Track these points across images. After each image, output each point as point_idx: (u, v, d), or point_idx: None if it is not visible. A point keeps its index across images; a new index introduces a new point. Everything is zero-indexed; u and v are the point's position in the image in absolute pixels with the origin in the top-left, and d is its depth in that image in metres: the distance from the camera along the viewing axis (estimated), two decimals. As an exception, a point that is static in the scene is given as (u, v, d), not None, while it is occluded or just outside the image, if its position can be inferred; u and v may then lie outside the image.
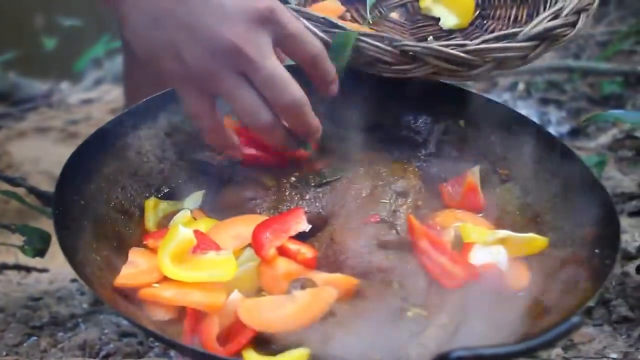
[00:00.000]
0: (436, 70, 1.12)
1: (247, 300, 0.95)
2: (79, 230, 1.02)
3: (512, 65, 1.14)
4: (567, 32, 1.14)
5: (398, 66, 1.13)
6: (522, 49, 1.11)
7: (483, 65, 1.11)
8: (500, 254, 1.04)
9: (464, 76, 1.14)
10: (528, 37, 1.11)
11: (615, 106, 2.44)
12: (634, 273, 1.39)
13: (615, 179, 1.88)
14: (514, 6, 1.32)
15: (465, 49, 1.10)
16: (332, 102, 1.23)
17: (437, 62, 1.11)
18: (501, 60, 1.12)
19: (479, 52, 1.10)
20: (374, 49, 1.12)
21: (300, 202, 1.09)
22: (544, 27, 1.12)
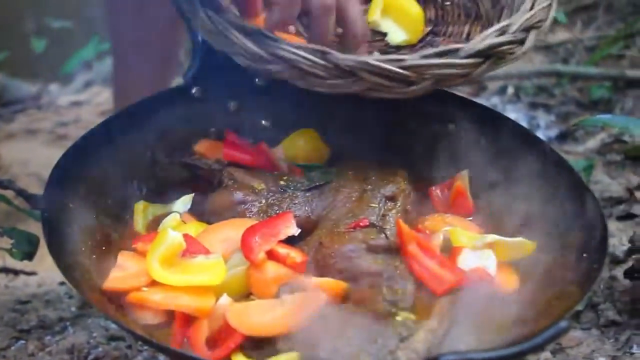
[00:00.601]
0: (371, 87, 1.05)
1: (236, 304, 0.95)
2: (67, 234, 1.02)
3: (453, 83, 1.08)
4: (514, 49, 1.07)
5: (332, 80, 1.05)
6: (464, 66, 1.04)
7: (421, 82, 1.04)
8: (489, 258, 1.05)
9: (401, 93, 1.06)
10: (470, 54, 1.04)
11: (603, 110, 2.45)
12: (621, 277, 1.40)
13: (603, 183, 1.88)
14: (468, 22, 1.28)
15: (402, 65, 1.03)
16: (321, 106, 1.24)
17: (372, 77, 1.03)
18: (441, 78, 1.05)
19: (417, 68, 1.03)
20: (307, 62, 1.04)
21: (289, 206, 1.09)
22: (488, 43, 1.04)
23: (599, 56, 2.63)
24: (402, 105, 1.24)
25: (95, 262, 1.03)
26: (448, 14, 1.31)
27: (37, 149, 2.40)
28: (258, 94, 1.26)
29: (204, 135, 1.24)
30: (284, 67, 1.05)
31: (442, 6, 1.31)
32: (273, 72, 1.06)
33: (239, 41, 1.07)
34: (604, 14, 3.03)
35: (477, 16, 1.26)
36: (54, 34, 3.23)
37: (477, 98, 2.64)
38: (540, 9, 1.09)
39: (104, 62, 3.03)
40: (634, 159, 2.05)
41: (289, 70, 1.05)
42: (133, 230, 1.12)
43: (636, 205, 1.78)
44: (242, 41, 1.06)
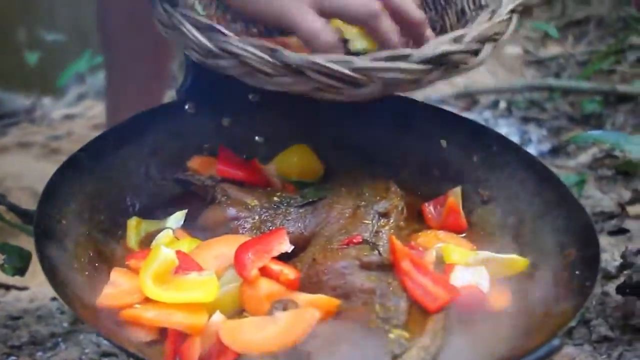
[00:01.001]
0: (319, 87, 1.03)
1: (228, 321, 0.95)
2: (60, 250, 1.01)
3: (403, 88, 1.06)
4: (468, 59, 1.05)
5: (280, 78, 1.03)
6: (414, 72, 1.03)
7: (369, 85, 1.02)
8: (482, 275, 1.05)
9: (349, 95, 1.04)
10: (421, 60, 1.02)
11: (595, 125, 2.46)
12: (614, 293, 1.40)
13: (595, 198, 1.89)
14: (435, 33, 1.24)
15: (350, 66, 1.01)
16: (315, 122, 1.24)
17: (320, 77, 1.01)
18: (390, 82, 1.03)
19: (365, 70, 1.01)
20: (255, 58, 1.02)
21: (282, 223, 1.09)
22: (440, 50, 1.03)
23: (590, 71, 2.65)
24: (396, 122, 1.25)
25: (88, 279, 1.03)
26: None
27: (30, 162, 2.40)
28: (251, 110, 1.27)
29: (197, 151, 1.24)
30: (233, 63, 1.04)
31: None
32: (223, 67, 1.06)
33: (191, 35, 1.06)
34: (595, 29, 3.05)
35: (442, 29, 1.26)
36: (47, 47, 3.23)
37: (469, 112, 2.65)
38: (499, 21, 1.08)
39: (97, 76, 3.03)
40: (625, 173, 2.06)
41: (238, 66, 1.04)
42: (126, 246, 1.12)
43: (628, 220, 1.79)
44: (194, 35, 1.06)
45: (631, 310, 1.35)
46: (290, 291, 1.00)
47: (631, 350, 1.31)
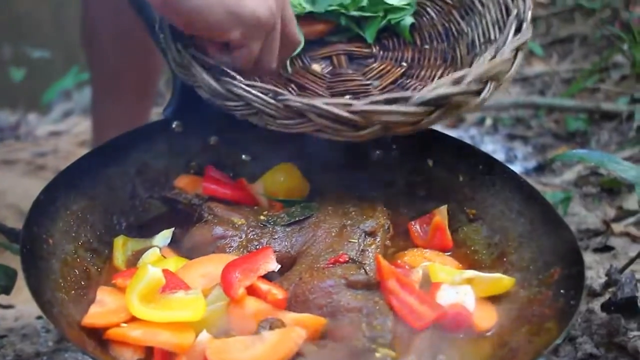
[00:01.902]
0: (320, 128, 1.07)
1: (215, 340, 0.95)
2: (46, 270, 1.01)
3: (402, 130, 1.07)
4: (469, 100, 1.06)
5: (282, 120, 1.07)
6: (413, 115, 1.05)
7: (369, 127, 1.05)
8: (468, 294, 1.05)
9: (348, 136, 1.07)
10: (420, 102, 1.04)
11: (580, 142, 2.48)
12: (599, 310, 1.41)
13: (580, 215, 1.90)
14: (442, 67, 1.28)
15: (350, 109, 1.04)
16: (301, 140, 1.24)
17: (320, 119, 1.05)
18: (389, 125, 1.05)
19: (364, 113, 1.04)
20: (259, 101, 1.07)
21: (269, 241, 1.10)
22: (438, 93, 1.04)
23: (575, 89, 2.67)
24: (382, 142, 1.26)
25: (74, 298, 1.03)
26: (425, 57, 1.31)
27: (15, 179, 2.39)
28: (238, 129, 1.27)
29: (184, 170, 1.24)
30: (239, 104, 1.09)
31: (421, 49, 1.33)
32: (230, 108, 1.10)
33: (200, 76, 1.10)
34: (580, 48, 3.07)
35: (452, 61, 1.28)
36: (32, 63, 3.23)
37: (455, 130, 2.67)
38: (502, 61, 1.08)
39: (83, 92, 3.03)
40: (609, 191, 2.08)
41: (244, 107, 1.09)
42: (113, 265, 1.12)
43: (612, 238, 1.80)
44: (203, 76, 1.10)
45: (616, 327, 1.35)
46: (277, 310, 1.00)
47: (616, 368, 1.32)
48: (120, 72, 2.04)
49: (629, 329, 1.34)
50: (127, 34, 1.93)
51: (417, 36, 1.34)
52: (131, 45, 1.96)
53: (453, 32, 1.31)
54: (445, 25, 1.32)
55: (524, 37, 1.12)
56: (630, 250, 1.72)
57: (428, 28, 1.34)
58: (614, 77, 2.69)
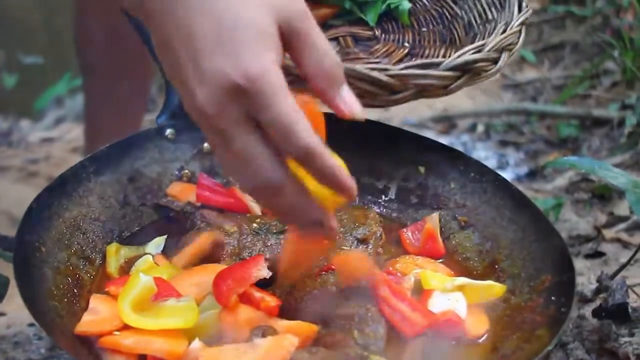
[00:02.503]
0: (359, 92, 1.05)
1: (208, 348, 0.95)
2: (39, 278, 1.01)
3: (433, 94, 1.15)
4: (489, 67, 1.16)
5: None
6: (444, 78, 1.12)
7: (404, 90, 1.12)
8: (459, 301, 1.06)
9: (385, 101, 1.13)
10: (449, 67, 1.12)
11: (572, 148, 2.49)
12: (590, 316, 1.41)
13: (571, 222, 1.91)
14: (443, 47, 1.33)
15: (388, 73, 1.10)
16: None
17: (360, 83, 1.10)
18: (422, 88, 1.12)
19: (401, 77, 1.11)
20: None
21: (262, 249, 1.10)
22: (465, 59, 1.13)
23: (566, 95, 2.69)
24: (374, 148, 1.26)
25: (67, 305, 1.03)
26: (424, 39, 1.35)
27: (7, 186, 2.39)
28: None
29: (177, 178, 1.25)
30: None
31: (419, 31, 1.37)
32: None
33: None
34: (571, 54, 3.09)
35: (451, 42, 1.32)
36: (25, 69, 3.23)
37: (447, 136, 2.68)
38: (512, 33, 1.18)
39: (75, 99, 3.03)
40: (601, 197, 2.09)
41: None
42: (105, 272, 1.12)
43: (604, 244, 1.80)
44: None
45: (607, 333, 1.36)
46: (269, 317, 1.00)
47: (607, 374, 1.32)
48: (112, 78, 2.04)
49: (620, 335, 1.35)
50: (119, 40, 1.94)
51: (414, 20, 1.38)
52: (124, 52, 1.97)
53: (447, 15, 1.37)
54: (439, 10, 1.39)
55: (527, 14, 1.23)
56: (621, 256, 1.73)
57: (423, 13, 1.39)
58: (605, 84, 2.70)
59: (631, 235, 1.83)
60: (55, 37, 3.32)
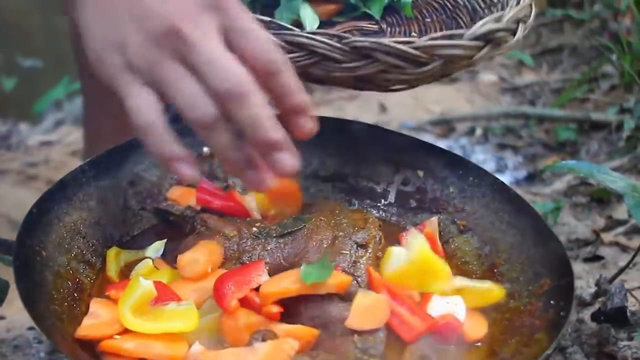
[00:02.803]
0: (385, 68, 1.11)
1: (208, 352, 0.95)
2: (40, 282, 1.02)
3: (458, 66, 1.16)
4: (508, 38, 1.17)
5: (348, 64, 1.11)
6: (468, 48, 1.13)
7: (430, 62, 1.12)
8: (458, 304, 1.06)
9: (412, 74, 1.13)
10: (473, 37, 1.13)
11: (570, 152, 2.49)
12: (589, 320, 1.42)
13: (570, 225, 1.91)
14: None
15: (413, 45, 1.10)
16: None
17: (387, 58, 1.10)
18: (448, 59, 1.13)
19: (426, 48, 1.10)
20: (324, 46, 1.09)
21: (261, 253, 1.10)
22: (487, 28, 1.13)
23: (564, 99, 2.69)
24: (373, 153, 1.27)
25: (67, 309, 1.03)
26: (430, 29, 1.37)
27: (6, 189, 2.38)
28: (231, 140, 1.28)
29: (177, 182, 1.25)
30: (300, 55, 1.10)
31: (424, 22, 1.38)
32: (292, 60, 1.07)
33: None
34: (569, 58, 3.09)
35: (458, 29, 1.32)
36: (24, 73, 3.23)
37: (446, 139, 2.68)
38: (525, 5, 1.20)
39: (74, 102, 3.03)
40: (599, 201, 2.09)
41: (306, 57, 1.10)
42: (106, 276, 1.12)
43: (602, 247, 1.81)
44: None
45: (606, 337, 1.36)
46: (269, 322, 1.00)
47: (606, 378, 1.33)
48: None
49: (618, 339, 1.35)
50: None
51: (418, 12, 1.40)
52: None
53: (449, 5, 1.39)
54: (440, 1, 1.41)
55: None
56: (620, 259, 1.73)
57: (425, 5, 1.42)
58: (603, 87, 2.71)
59: (630, 239, 1.83)
60: (54, 40, 3.32)
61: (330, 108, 2.97)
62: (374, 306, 1.01)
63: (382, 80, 1.16)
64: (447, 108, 2.91)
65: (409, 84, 1.19)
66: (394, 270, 1.09)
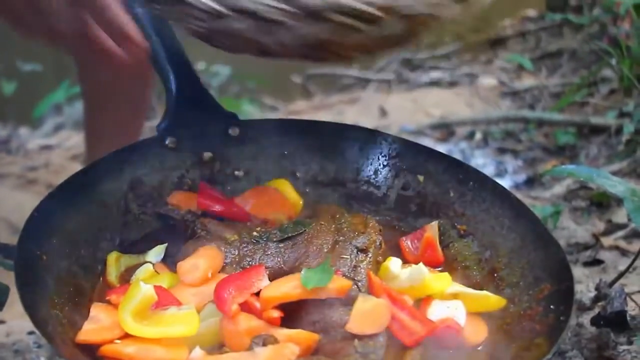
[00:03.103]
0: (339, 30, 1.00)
1: (208, 357, 0.95)
2: (41, 287, 1.02)
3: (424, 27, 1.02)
4: None
5: (296, 28, 1.00)
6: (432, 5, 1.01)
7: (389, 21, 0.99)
8: (458, 309, 1.06)
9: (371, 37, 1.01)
10: None
11: (569, 156, 2.50)
12: (588, 324, 1.42)
13: (569, 229, 1.92)
14: None
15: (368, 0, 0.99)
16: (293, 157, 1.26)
17: (340, 17, 0.99)
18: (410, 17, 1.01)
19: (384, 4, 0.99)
20: (268, 9, 1.00)
21: (262, 258, 1.10)
22: None
23: (564, 103, 2.70)
24: (373, 158, 1.27)
25: (68, 314, 1.03)
26: None
27: (6, 193, 2.38)
28: (232, 145, 1.28)
29: (178, 186, 1.25)
30: (245, 21, 1.01)
31: None
32: (234, 29, 1.02)
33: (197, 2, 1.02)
34: (568, 62, 3.10)
35: None
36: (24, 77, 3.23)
37: (445, 143, 2.68)
38: None
39: (74, 106, 3.03)
40: (599, 205, 2.09)
41: (252, 24, 1.01)
42: (106, 281, 1.12)
43: (602, 251, 1.81)
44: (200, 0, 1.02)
45: (605, 341, 1.36)
46: (270, 326, 1.01)
47: (605, 382, 1.33)
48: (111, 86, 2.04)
49: (618, 343, 1.35)
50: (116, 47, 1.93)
51: None
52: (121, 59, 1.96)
53: None
54: None
55: None
56: (620, 263, 1.73)
57: None
58: (602, 91, 2.72)
59: (629, 242, 1.83)
60: (54, 45, 3.32)
61: (330, 112, 2.98)
62: (374, 311, 1.01)
63: (339, 47, 1.03)
64: (447, 112, 2.91)
65: (369, 51, 1.06)
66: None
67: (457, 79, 3.33)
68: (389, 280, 1.09)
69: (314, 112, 3.01)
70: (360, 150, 1.28)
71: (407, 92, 3.21)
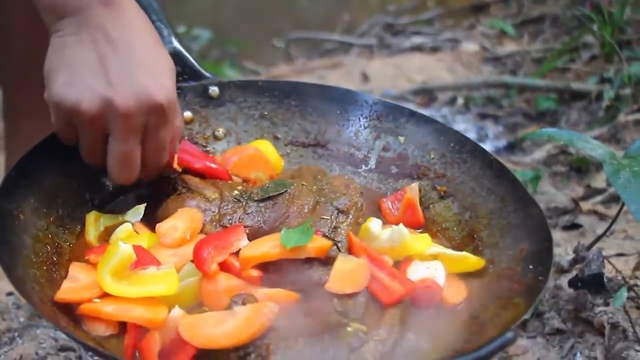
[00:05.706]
0: None
1: (188, 316, 0.95)
2: (18, 246, 1.01)
3: None
4: None
5: None
6: None
7: None
8: (438, 269, 1.07)
9: None
10: None
11: (550, 121, 2.50)
12: (566, 286, 1.43)
13: (549, 194, 1.93)
14: None
15: None
16: (274, 118, 1.25)
17: None
18: None
19: None
20: None
21: (242, 217, 1.10)
22: None
23: (545, 68, 2.69)
24: (354, 119, 1.27)
25: (46, 273, 1.03)
26: None
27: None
28: (212, 105, 1.27)
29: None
30: None
31: None
32: None
33: None
34: (550, 27, 3.10)
35: None
36: None
37: (427, 109, 2.68)
38: None
39: None
40: (578, 170, 2.10)
41: None
42: (85, 240, 1.11)
43: (581, 216, 1.82)
44: None
45: (582, 303, 1.38)
46: (249, 285, 1.01)
47: (582, 342, 1.34)
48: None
49: (595, 304, 1.37)
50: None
51: None
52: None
53: None
54: None
55: None
56: (598, 227, 1.75)
57: None
58: (583, 57, 2.71)
59: (607, 207, 1.85)
60: None
61: (312, 77, 2.96)
62: (354, 270, 1.01)
63: None
64: (429, 77, 2.91)
65: None
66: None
67: (439, 44, 3.32)
68: (369, 240, 1.09)
69: (295, 76, 2.99)
70: (341, 111, 1.28)
71: (389, 57, 3.20)
